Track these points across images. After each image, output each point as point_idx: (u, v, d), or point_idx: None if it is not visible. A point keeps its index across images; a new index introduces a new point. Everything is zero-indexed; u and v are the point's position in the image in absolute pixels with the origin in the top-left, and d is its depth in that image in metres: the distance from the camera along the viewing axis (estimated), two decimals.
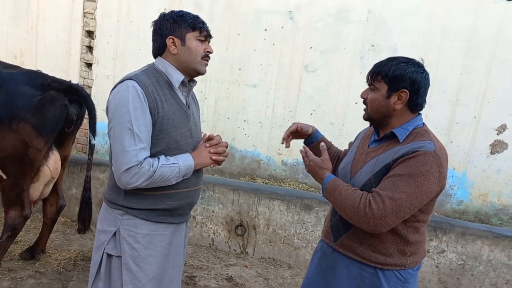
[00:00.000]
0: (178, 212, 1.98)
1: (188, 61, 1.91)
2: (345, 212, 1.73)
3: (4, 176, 3.16)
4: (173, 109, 1.88)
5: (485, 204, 4.69)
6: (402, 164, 1.66)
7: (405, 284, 1.80)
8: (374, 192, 1.66)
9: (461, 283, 3.88)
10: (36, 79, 3.23)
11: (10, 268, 3.47)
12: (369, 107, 1.83)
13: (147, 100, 1.79)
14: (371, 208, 1.62)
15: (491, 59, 4.46)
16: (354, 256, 1.82)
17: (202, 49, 1.91)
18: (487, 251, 3.81)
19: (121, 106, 1.77)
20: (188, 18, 1.89)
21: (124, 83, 1.81)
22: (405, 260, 1.78)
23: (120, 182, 1.80)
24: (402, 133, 1.76)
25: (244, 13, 4.94)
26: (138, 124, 1.75)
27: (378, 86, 1.77)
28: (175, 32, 1.88)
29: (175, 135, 1.87)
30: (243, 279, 3.81)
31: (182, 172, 1.86)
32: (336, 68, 4.83)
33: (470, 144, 4.63)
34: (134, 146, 1.75)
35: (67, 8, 5.33)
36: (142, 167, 1.75)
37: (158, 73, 1.91)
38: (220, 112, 5.18)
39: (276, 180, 5.10)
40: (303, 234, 4.18)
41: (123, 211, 1.91)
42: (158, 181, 1.80)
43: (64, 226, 4.48)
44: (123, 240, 1.90)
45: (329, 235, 1.94)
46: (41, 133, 3.12)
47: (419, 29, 4.58)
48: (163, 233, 1.95)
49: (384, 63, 1.77)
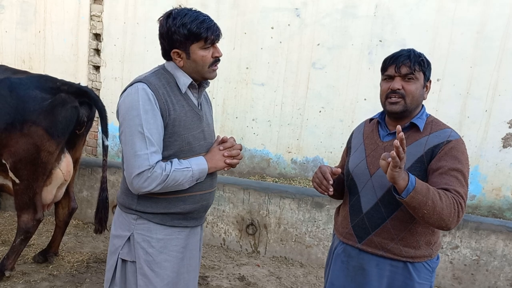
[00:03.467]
0: (193, 215, 1.95)
1: (196, 72, 1.86)
2: (440, 214, 1.59)
3: (17, 180, 3.18)
4: (185, 110, 1.84)
5: (498, 198, 4.63)
6: (448, 157, 1.71)
7: (432, 273, 1.84)
8: (453, 190, 1.65)
9: (475, 278, 3.84)
10: (46, 83, 3.26)
11: (24, 272, 3.50)
12: (409, 98, 1.78)
13: (157, 102, 1.75)
14: (462, 207, 1.64)
15: (502, 50, 4.40)
16: (385, 253, 1.81)
17: (209, 57, 1.83)
18: (501, 245, 3.76)
19: (132, 110, 1.74)
20: (191, 28, 1.75)
21: (134, 86, 1.78)
22: (431, 250, 1.81)
23: (132, 186, 1.77)
24: (421, 122, 1.82)
25: (250, 11, 4.92)
26: (149, 127, 1.72)
27: (418, 76, 1.78)
28: (179, 45, 1.80)
29: (187, 137, 1.84)
30: (255, 279, 3.81)
31: (196, 176, 1.83)
32: (344, 64, 4.80)
33: (482, 138, 4.58)
34: (145, 149, 1.71)
35: (74, 12, 5.35)
36: (155, 171, 1.71)
37: (169, 74, 1.87)
38: (229, 111, 5.17)
39: (286, 178, 5.08)
40: (315, 232, 4.15)
41: (137, 216, 1.88)
42: (171, 185, 1.77)
43: (76, 228, 4.51)
44: (138, 245, 1.88)
45: (351, 236, 1.90)
46: (52, 135, 3.14)
47: (427, 22, 4.52)
48: (177, 237, 1.92)
49: (417, 53, 1.80)
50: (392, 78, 1.81)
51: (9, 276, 3.35)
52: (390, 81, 1.81)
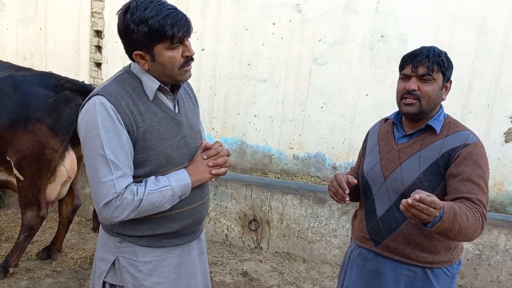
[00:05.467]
0: (184, 231, 1.70)
1: (164, 75, 1.56)
2: (466, 233, 1.54)
3: (21, 177, 3.20)
4: (157, 118, 1.57)
5: (500, 193, 4.64)
6: (468, 162, 1.64)
7: (453, 279, 1.79)
8: (475, 200, 1.59)
9: (478, 273, 3.85)
10: (50, 80, 3.27)
11: (27, 268, 3.52)
12: (425, 99, 1.70)
13: (120, 116, 1.48)
14: (485, 218, 1.58)
15: (504, 45, 4.39)
16: (402, 258, 1.76)
17: (179, 58, 1.52)
18: (503, 240, 3.77)
19: (90, 130, 1.48)
20: (152, 24, 1.44)
21: (91, 100, 1.51)
22: (451, 256, 1.75)
23: (102, 217, 1.54)
24: (438, 124, 1.75)
25: (251, 7, 4.91)
26: (112, 148, 1.46)
27: (436, 77, 1.71)
28: (140, 46, 1.50)
29: (164, 149, 1.57)
30: (258, 274, 3.82)
31: (177, 194, 1.58)
32: (345, 60, 4.79)
33: (484, 132, 4.57)
34: (110, 175, 1.46)
35: (75, 9, 5.34)
36: (124, 197, 1.48)
37: (134, 78, 1.58)
38: (230, 108, 5.17)
39: (288, 174, 5.09)
40: (317, 228, 4.16)
41: (120, 238, 1.65)
42: (148, 209, 1.53)
43: (79, 225, 4.52)
44: (124, 269, 1.65)
45: (367, 240, 1.86)
46: (57, 133, 3.15)
47: (429, 18, 4.51)
48: (168, 257, 1.69)
49: (437, 53, 1.71)
50: (408, 77, 1.73)
51: (13, 273, 3.37)
52: (407, 81, 1.74)
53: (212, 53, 5.08)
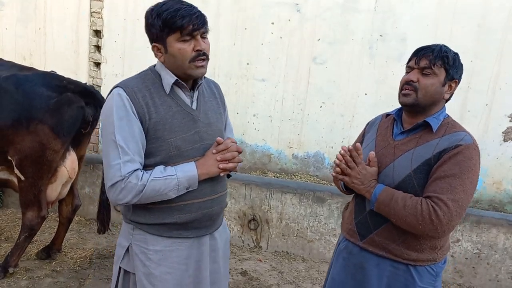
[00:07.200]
0: (193, 225, 1.75)
1: (176, 68, 1.66)
2: (405, 222, 1.65)
3: (22, 177, 3.20)
4: (172, 112, 1.67)
5: (499, 192, 4.64)
6: (450, 162, 1.64)
7: (436, 278, 1.79)
8: (434, 197, 1.61)
9: (477, 272, 3.86)
10: (52, 81, 3.27)
11: (27, 268, 3.52)
12: (422, 92, 1.72)
13: (134, 107, 1.61)
14: (437, 214, 1.59)
15: (503, 44, 4.39)
16: (386, 253, 1.77)
17: (189, 51, 1.62)
18: (502, 239, 3.78)
19: (107, 118, 1.62)
20: (164, 17, 1.58)
21: (112, 91, 1.66)
22: (435, 255, 1.76)
23: (110, 198, 1.65)
24: (435, 122, 1.75)
25: (251, 6, 4.91)
26: (123, 135, 1.58)
27: (438, 71, 1.71)
28: (156, 38, 1.64)
29: (175, 141, 1.66)
30: (257, 273, 3.83)
31: (183, 184, 1.64)
32: (345, 59, 4.80)
33: (483, 131, 4.58)
34: (118, 159, 1.58)
35: (74, 8, 5.34)
36: (129, 181, 1.58)
37: (155, 74, 1.72)
38: (229, 107, 5.09)
39: (287, 173, 5.09)
40: (316, 227, 4.17)
41: (133, 226, 1.76)
42: (151, 196, 1.62)
43: (78, 225, 4.52)
44: (136, 256, 1.74)
45: (354, 233, 1.88)
46: (58, 134, 3.15)
47: (428, 16, 4.51)
48: (178, 248, 1.75)
49: (444, 49, 1.73)
50: (412, 70, 1.76)
51: (12, 273, 3.37)
52: (410, 73, 1.78)
53: (211, 52, 4.98)
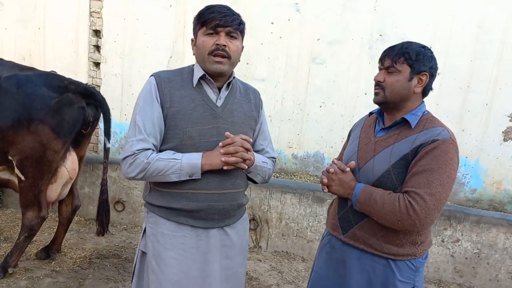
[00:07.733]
0: (199, 215, 1.82)
1: (199, 61, 1.82)
2: (385, 219, 1.69)
3: (22, 177, 3.19)
4: (194, 104, 1.78)
5: (499, 191, 4.65)
6: (427, 157, 1.67)
7: (416, 273, 1.82)
8: (411, 192, 1.65)
9: (477, 271, 3.86)
10: (53, 81, 3.26)
11: (26, 268, 3.52)
12: (388, 90, 1.79)
13: (159, 94, 1.77)
14: (414, 209, 1.62)
15: (502, 44, 4.40)
16: (366, 247, 1.81)
17: (210, 43, 1.74)
18: (502, 238, 3.78)
19: (137, 100, 1.83)
20: (200, 13, 1.79)
21: (148, 79, 1.85)
22: (416, 250, 1.79)
23: (122, 170, 1.83)
24: (413, 119, 1.79)
25: (250, 6, 4.91)
26: (143, 116, 1.75)
27: (401, 68, 1.77)
28: (193, 32, 1.85)
29: (190, 131, 1.77)
30: (257, 273, 3.82)
31: (185, 170, 1.74)
32: (344, 59, 4.80)
33: (483, 131, 4.58)
34: (133, 137, 1.76)
35: (74, 8, 5.33)
36: (137, 158, 1.73)
37: (189, 69, 1.86)
38: None
39: (287, 173, 5.09)
40: (316, 227, 4.17)
41: (147, 208, 1.92)
42: (155, 175, 1.74)
43: (78, 225, 4.52)
44: (148, 238, 1.87)
45: (337, 228, 1.93)
46: (59, 135, 3.15)
47: (428, 17, 4.52)
48: (185, 235, 1.83)
49: (406, 46, 1.78)
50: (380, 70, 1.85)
51: (12, 273, 3.37)
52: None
53: None
